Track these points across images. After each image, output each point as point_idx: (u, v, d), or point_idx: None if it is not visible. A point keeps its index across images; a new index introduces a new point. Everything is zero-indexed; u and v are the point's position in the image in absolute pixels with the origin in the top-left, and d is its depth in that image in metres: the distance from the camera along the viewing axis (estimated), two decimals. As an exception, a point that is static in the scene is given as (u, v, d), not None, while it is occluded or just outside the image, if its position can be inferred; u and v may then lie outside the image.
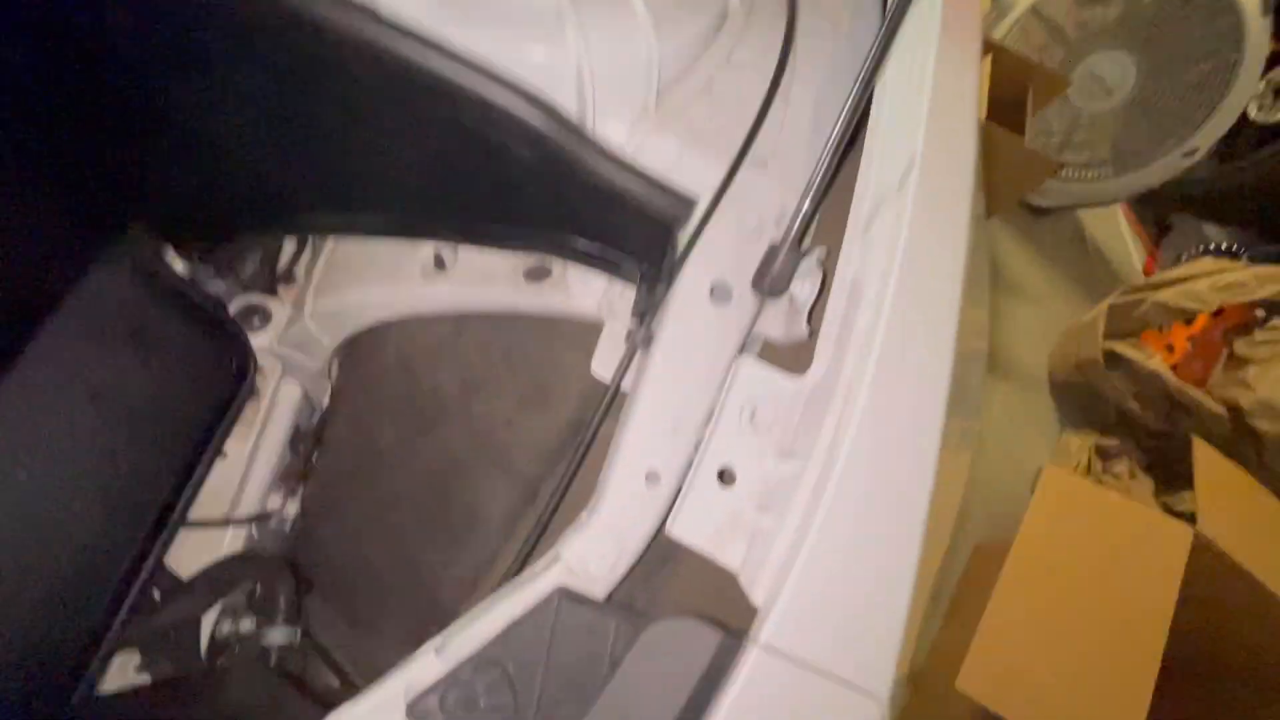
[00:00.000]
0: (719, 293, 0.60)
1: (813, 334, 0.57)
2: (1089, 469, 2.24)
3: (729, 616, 0.62)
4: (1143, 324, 2.28)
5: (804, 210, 0.55)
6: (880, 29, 0.52)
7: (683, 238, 0.59)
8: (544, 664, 0.48)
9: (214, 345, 0.87)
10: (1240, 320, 2.20)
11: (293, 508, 1.03)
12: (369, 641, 0.87)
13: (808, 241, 0.61)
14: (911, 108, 0.56)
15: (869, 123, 0.59)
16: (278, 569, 0.92)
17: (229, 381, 0.90)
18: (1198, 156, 2.41)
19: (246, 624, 0.94)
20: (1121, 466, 2.15)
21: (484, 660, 0.47)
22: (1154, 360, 2.21)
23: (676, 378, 0.57)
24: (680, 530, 0.48)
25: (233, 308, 0.92)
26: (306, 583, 0.96)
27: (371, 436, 0.82)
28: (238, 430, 0.96)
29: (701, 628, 0.46)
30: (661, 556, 0.60)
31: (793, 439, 0.52)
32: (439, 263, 0.73)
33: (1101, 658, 1.48)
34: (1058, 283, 2.61)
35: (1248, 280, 2.23)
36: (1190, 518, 1.62)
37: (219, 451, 0.92)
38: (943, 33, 0.58)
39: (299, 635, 0.94)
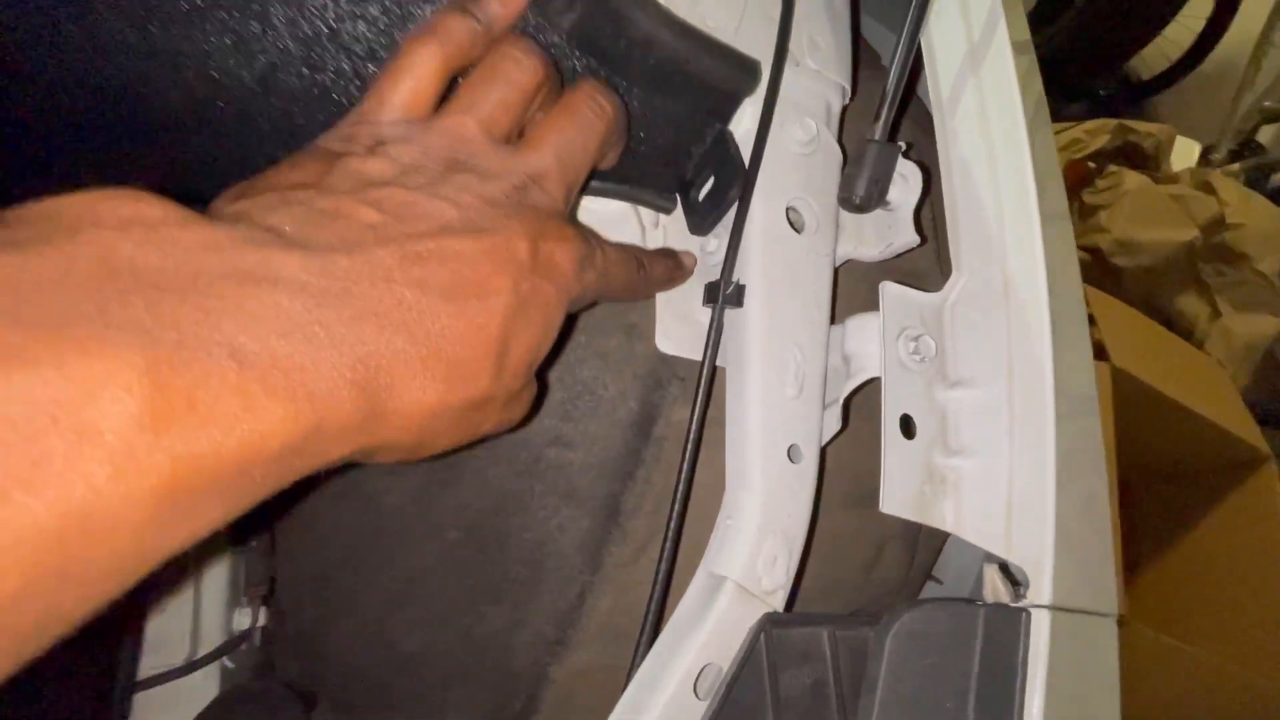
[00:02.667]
0: (795, 220, 0.50)
1: (925, 240, 0.50)
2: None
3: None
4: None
5: (893, 98, 0.46)
6: None
7: (740, 136, 0.49)
8: (770, 711, 0.38)
9: None
10: (1079, 174, 2.44)
11: (262, 616, 0.83)
12: (424, 742, 0.71)
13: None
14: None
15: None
16: (276, 698, 0.73)
17: None
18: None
19: (254, 776, 0.75)
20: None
21: (709, 739, 0.37)
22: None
23: (785, 333, 0.47)
24: (892, 506, 0.40)
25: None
26: (311, 699, 0.77)
27: (370, 507, 0.65)
28: (166, 548, 0.74)
29: (956, 606, 0.38)
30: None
31: (954, 364, 0.45)
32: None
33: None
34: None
35: (1080, 136, 2.47)
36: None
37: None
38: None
39: (324, 763, 0.76)
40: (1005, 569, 0.41)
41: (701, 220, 0.53)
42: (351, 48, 0.40)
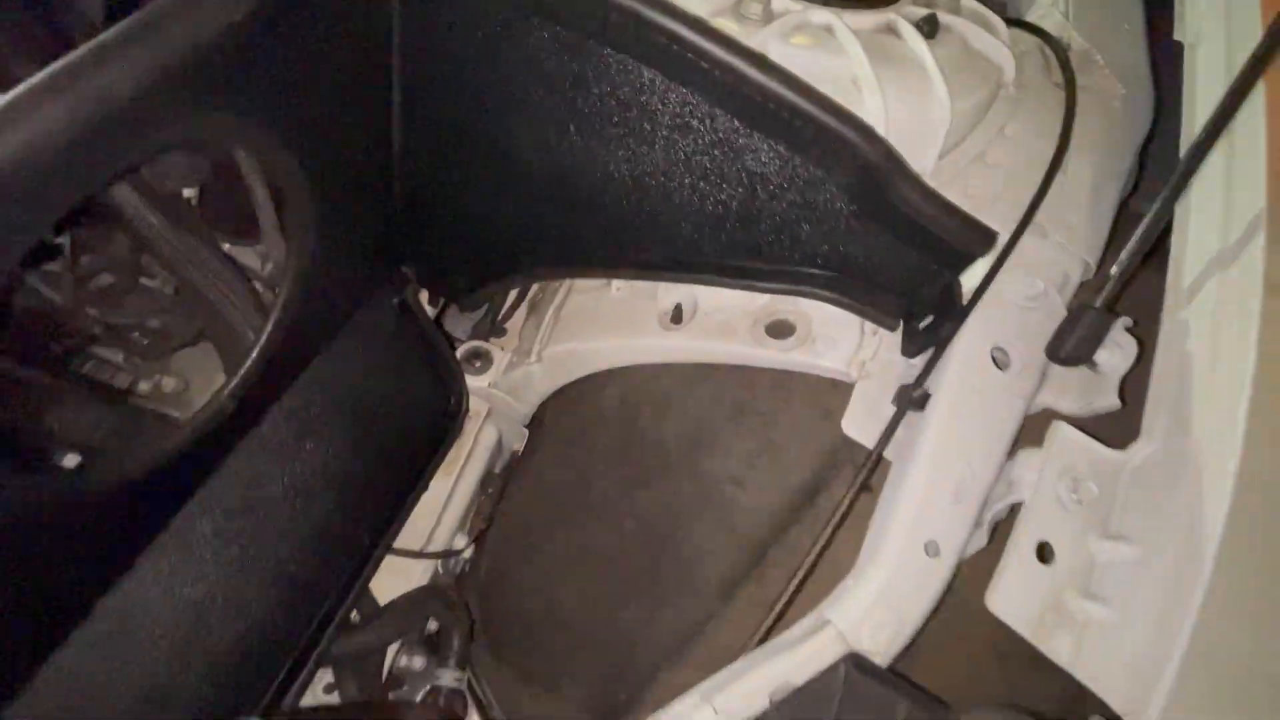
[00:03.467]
0: (999, 358, 0.56)
1: (1125, 405, 0.52)
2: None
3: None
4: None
5: (1122, 272, 0.51)
6: (1224, 96, 0.49)
7: (967, 286, 0.57)
8: (828, 740, 0.43)
9: (442, 385, 0.93)
10: None
11: (469, 551, 1.04)
12: (541, 701, 0.83)
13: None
14: (1244, 170, 0.52)
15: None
16: (459, 611, 0.92)
17: (447, 421, 0.95)
18: None
19: (419, 662, 0.94)
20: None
21: (765, 724, 0.43)
22: None
23: (958, 443, 0.53)
24: (999, 606, 0.43)
25: (460, 351, 0.98)
26: (473, 630, 0.95)
27: (582, 482, 0.82)
28: (442, 466, 1.01)
29: (1035, 725, 0.39)
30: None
31: (1120, 519, 0.46)
32: (677, 315, 0.75)
33: None
34: None
35: None
36: None
37: (427, 486, 0.96)
38: (1269, 98, 0.55)
39: (466, 680, 0.92)
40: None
41: (914, 346, 0.61)
42: (698, 170, 0.60)
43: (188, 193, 0.61)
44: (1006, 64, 0.67)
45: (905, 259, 0.61)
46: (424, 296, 0.99)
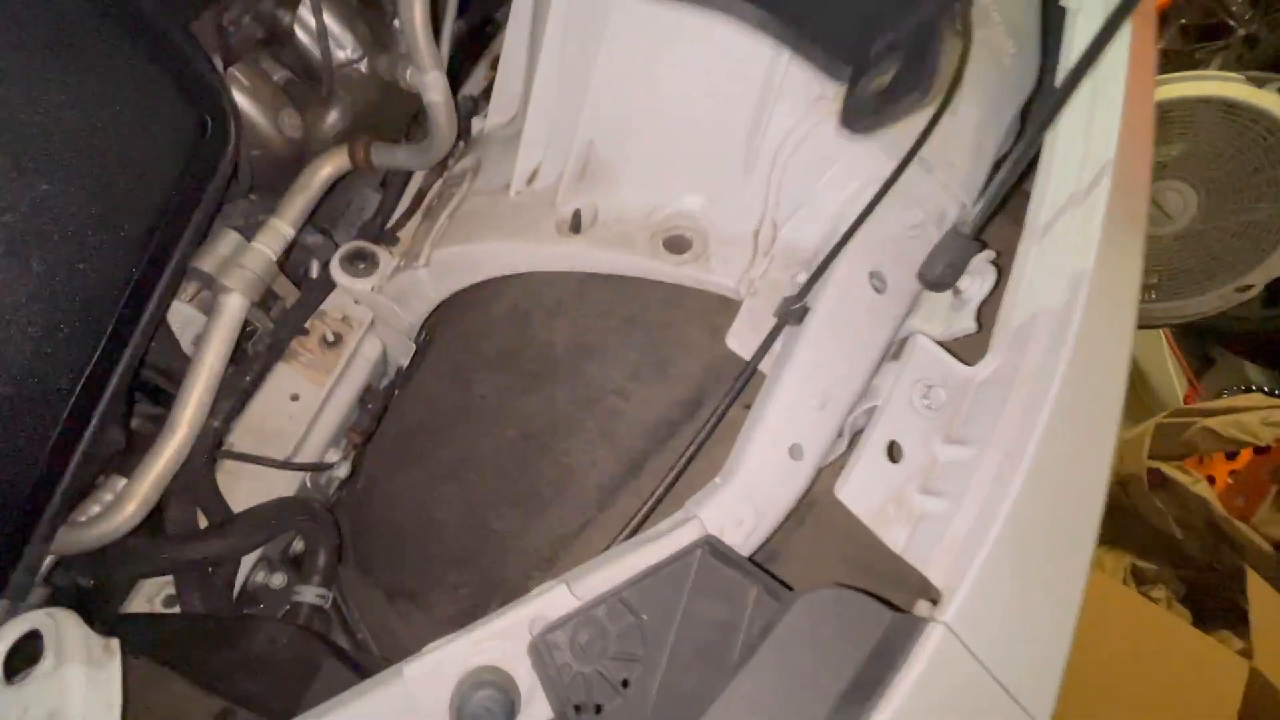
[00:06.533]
0: (876, 281, 0.58)
1: (981, 329, 0.56)
2: (1122, 591, 2.15)
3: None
4: (1188, 448, 2.25)
5: (989, 205, 0.54)
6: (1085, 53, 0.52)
7: (849, 212, 0.58)
8: (678, 621, 0.44)
9: (190, 93, 0.70)
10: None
11: (344, 469, 0.99)
12: (410, 616, 0.81)
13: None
14: (1102, 124, 0.56)
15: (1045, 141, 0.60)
16: (325, 524, 0.88)
17: (210, 139, 0.73)
18: (1251, 293, 2.43)
19: (278, 579, 0.89)
20: (1159, 593, 2.07)
21: (619, 603, 0.43)
22: (1200, 485, 2.16)
23: (829, 355, 0.55)
24: (847, 496, 0.45)
25: (341, 250, 0.91)
26: (340, 549, 0.90)
27: (465, 389, 0.78)
28: (313, 375, 0.94)
29: (871, 602, 0.42)
30: (792, 528, 0.56)
31: (963, 425, 0.49)
32: (576, 223, 0.72)
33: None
34: (1100, 396, 2.58)
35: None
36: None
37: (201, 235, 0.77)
38: (1129, 68, 0.59)
39: (330, 600, 0.88)
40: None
41: (862, 114, 0.52)
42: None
43: None
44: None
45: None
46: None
